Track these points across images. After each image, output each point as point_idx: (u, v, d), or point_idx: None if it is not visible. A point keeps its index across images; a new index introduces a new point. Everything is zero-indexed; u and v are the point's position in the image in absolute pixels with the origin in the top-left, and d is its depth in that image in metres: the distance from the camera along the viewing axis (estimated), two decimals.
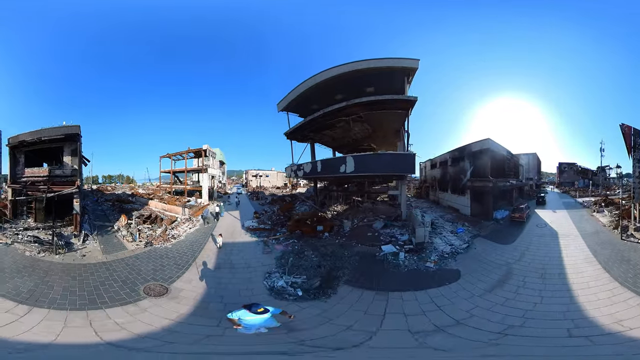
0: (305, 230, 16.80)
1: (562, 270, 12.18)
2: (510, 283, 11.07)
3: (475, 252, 15.00)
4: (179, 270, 11.76)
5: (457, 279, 11.56)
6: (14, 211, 19.74)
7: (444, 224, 20.87)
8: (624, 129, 17.21)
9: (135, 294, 9.67)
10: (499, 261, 13.62)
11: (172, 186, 39.27)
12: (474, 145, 25.57)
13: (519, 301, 9.63)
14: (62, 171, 19.39)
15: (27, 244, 14.77)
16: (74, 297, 9.36)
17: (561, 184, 69.54)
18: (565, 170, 72.54)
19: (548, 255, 14.27)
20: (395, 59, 17.79)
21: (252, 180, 72.77)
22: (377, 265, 12.80)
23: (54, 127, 19.50)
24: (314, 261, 12.50)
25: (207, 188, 32.25)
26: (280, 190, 55.26)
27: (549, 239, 17.37)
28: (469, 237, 17.39)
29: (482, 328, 8.04)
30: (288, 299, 9.53)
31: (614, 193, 39.73)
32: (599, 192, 43.16)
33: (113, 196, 32.61)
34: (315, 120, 20.49)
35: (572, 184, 64.01)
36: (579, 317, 8.31)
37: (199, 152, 36.67)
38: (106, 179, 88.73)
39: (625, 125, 17.21)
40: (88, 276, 11.07)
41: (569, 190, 52.02)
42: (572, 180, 66.84)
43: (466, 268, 12.61)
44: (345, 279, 11.21)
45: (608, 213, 22.96)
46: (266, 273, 11.31)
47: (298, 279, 10.70)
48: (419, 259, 13.54)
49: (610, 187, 51.67)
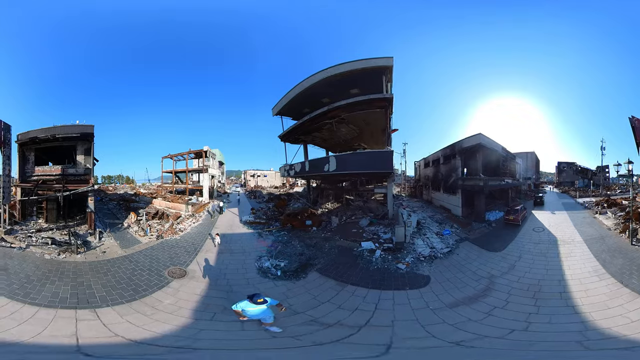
0: (295, 224, 19.03)
1: (564, 287, 10.41)
2: (486, 301, 9.62)
3: (457, 258, 14.09)
4: (190, 257, 13.84)
5: (422, 286, 11.04)
6: (23, 212, 19.19)
7: (431, 225, 20.51)
8: (633, 122, 16.03)
9: (163, 279, 11.34)
10: (481, 272, 12.27)
11: (174, 186, 41.85)
12: (465, 141, 24.75)
13: (484, 325, 8.17)
14: (75, 170, 19.61)
15: (44, 246, 14.56)
16: (118, 290, 10.18)
17: (560, 183, 69.27)
18: (565, 170, 72.21)
19: (546, 267, 12.57)
20: (366, 60, 18.50)
21: (250, 180, 75.42)
22: (351, 260, 13.55)
23: (68, 125, 19.46)
24: (297, 250, 14.74)
25: (207, 187, 34.72)
26: (278, 189, 57.68)
27: (547, 246, 15.56)
28: (454, 241, 16.74)
29: (372, 342, 7.43)
30: (269, 277, 11.68)
31: (615, 193, 39.56)
32: (600, 192, 42.33)
33: (116, 196, 34.63)
34: (304, 124, 22.89)
35: (571, 184, 63.83)
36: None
37: (199, 153, 39.18)
38: (106, 179, 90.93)
39: (635, 119, 15.99)
40: (117, 270, 12.08)
41: (568, 190, 51.29)
42: (571, 180, 66.62)
43: (438, 276, 11.95)
44: (318, 267, 12.68)
45: (612, 215, 21.58)
46: (258, 257, 13.67)
47: (281, 262, 12.97)
48: (393, 259, 13.59)
49: (610, 187, 51.17)
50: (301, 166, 23.57)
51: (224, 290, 10.59)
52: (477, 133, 23.94)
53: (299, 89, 21.74)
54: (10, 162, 17.04)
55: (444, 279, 11.59)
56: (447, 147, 28.34)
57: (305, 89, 21.37)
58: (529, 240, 16.89)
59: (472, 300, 9.86)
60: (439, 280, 11.47)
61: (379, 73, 18.47)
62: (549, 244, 15.89)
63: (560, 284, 10.69)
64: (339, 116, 20.40)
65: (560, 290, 10.27)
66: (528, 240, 16.90)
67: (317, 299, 10.05)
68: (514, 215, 21.16)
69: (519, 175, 41.03)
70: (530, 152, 64.62)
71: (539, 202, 31.85)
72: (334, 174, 20.78)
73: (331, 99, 21.36)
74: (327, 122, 21.33)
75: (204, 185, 35.22)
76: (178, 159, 42.27)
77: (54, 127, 19.22)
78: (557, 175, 75.41)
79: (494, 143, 26.19)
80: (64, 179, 19.02)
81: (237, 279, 11.44)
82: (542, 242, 16.29)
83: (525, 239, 17.03)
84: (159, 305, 9.43)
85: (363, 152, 22.09)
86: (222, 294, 10.28)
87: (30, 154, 19.86)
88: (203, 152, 38.33)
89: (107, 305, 9.22)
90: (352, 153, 22.49)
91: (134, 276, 11.54)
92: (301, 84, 21.52)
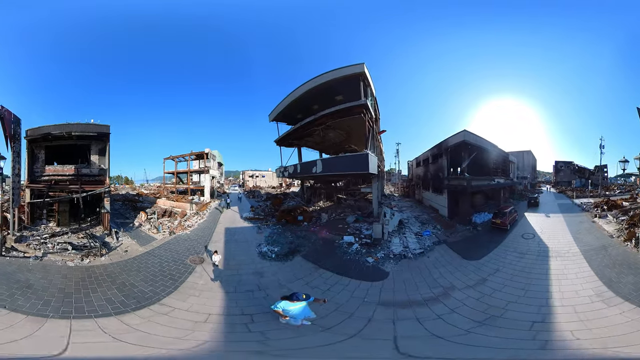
0: (289, 219, 22.30)
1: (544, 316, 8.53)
2: (420, 312, 9.52)
3: (425, 261, 14.33)
4: (203, 246, 16.61)
5: (377, 280, 12.03)
6: (32, 215, 18.46)
7: (413, 224, 21.20)
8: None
9: (188, 266, 13.34)
10: (442, 280, 11.92)
11: (176, 186, 45.11)
12: (450, 139, 24.53)
13: (385, 332, 8.36)
14: (90, 170, 19.54)
15: (63, 252, 14.16)
16: (160, 282, 11.44)
17: (557, 183, 69.70)
18: (562, 169, 72.52)
19: (526, 287, 10.79)
20: (340, 69, 20.07)
21: (248, 180, 78.95)
22: (331, 250, 15.77)
23: (85, 123, 19.26)
24: (289, 239, 17.96)
25: (209, 187, 38.02)
26: (276, 189, 60.98)
27: (534, 259, 13.78)
28: (431, 243, 17.05)
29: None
30: (267, 258, 14.85)
31: (614, 193, 39.68)
32: (599, 193, 41.38)
33: (119, 196, 36.23)
34: (296, 130, 26.18)
35: (568, 184, 63.73)
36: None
37: (200, 154, 42.43)
38: None
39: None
40: (146, 265, 13.27)
41: (565, 190, 51.04)
42: (568, 180, 66.44)
43: (397, 275, 12.55)
44: (303, 253, 15.48)
45: (613, 219, 19.95)
46: (257, 244, 17.01)
47: (275, 248, 16.23)
48: (366, 253, 15.02)
49: (609, 187, 51.03)
50: (294, 168, 26.94)
51: (235, 269, 13.69)
52: (462, 130, 23.45)
53: (290, 99, 24.70)
54: (20, 160, 15.97)
55: (400, 279, 12.09)
56: (435, 145, 28.33)
57: (295, 98, 24.16)
58: (514, 249, 15.28)
59: (407, 305, 9.90)
60: (394, 279, 12.12)
61: (356, 80, 19.86)
62: (537, 257, 14.12)
63: (540, 312, 8.72)
64: (325, 123, 22.98)
65: (536, 319, 8.28)
66: (513, 249, 15.30)
67: (295, 276, 12.92)
68: (501, 218, 20.04)
69: (513, 174, 40.30)
70: (526, 151, 64.98)
71: (533, 204, 31.11)
72: (326, 175, 23.71)
73: (320, 105, 23.53)
74: (315, 128, 24.35)
75: (206, 185, 38.49)
76: (180, 160, 45.51)
77: (70, 124, 18.75)
78: (555, 174, 76.30)
79: (482, 140, 25.42)
80: (80, 180, 18.90)
81: (244, 259, 14.80)
82: (529, 254, 14.53)
83: (510, 248, 15.62)
84: (197, 286, 11.70)
85: (344, 156, 24.20)
86: (234, 271, 13.41)
87: (40, 152, 18.86)
88: (204, 154, 41.59)
89: (166, 295, 10.39)
90: (335, 156, 25.61)
91: (164, 268, 13.11)
92: (292, 93, 24.37)
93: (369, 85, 21.05)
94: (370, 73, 20.57)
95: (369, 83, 20.88)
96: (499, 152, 30.16)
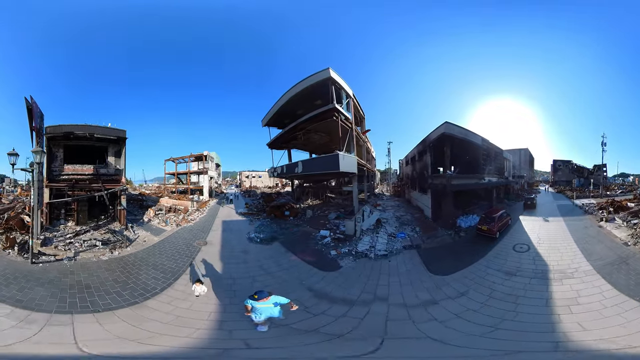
0: (277, 214, 26.60)
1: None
2: (324, 314, 9.76)
3: (383, 265, 14.06)
4: (205, 235, 20.63)
5: (328, 271, 13.47)
6: (51, 215, 19.20)
7: (391, 224, 21.59)
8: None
9: (194, 248, 17.19)
10: (381, 291, 11.15)
11: (177, 186, 49.61)
12: (433, 133, 23.52)
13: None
14: (107, 170, 21.65)
15: (92, 249, 15.41)
16: (184, 259, 14.82)
17: (555, 182, 70.09)
18: (560, 168, 73.16)
19: (500, 326, 8.01)
20: (310, 77, 21.99)
21: (245, 180, 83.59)
22: (305, 240, 18.62)
23: (105, 127, 21.51)
24: (273, 229, 21.96)
25: (207, 187, 42.46)
26: (271, 189, 65.47)
27: (526, 283, 10.92)
28: (401, 246, 16.67)
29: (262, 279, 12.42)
30: (253, 242, 18.64)
31: (616, 193, 39.66)
32: (600, 193, 40.64)
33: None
34: (282, 135, 30.60)
35: (567, 183, 63.83)
36: None
37: (199, 156, 46.90)
38: None
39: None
40: (166, 250, 16.73)
41: (564, 190, 50.43)
42: (567, 179, 66.87)
43: (348, 271, 13.52)
44: (281, 240, 18.89)
45: (622, 222, 18.63)
46: (247, 232, 21.34)
47: (261, 235, 20.09)
48: (335, 246, 16.71)
49: (609, 187, 50.95)
50: (281, 169, 31.38)
51: (229, 248, 18.02)
52: (444, 122, 21.81)
53: (277, 106, 28.53)
54: (42, 160, 15.76)
55: (347, 275, 12.97)
56: (421, 141, 27.56)
57: (281, 106, 27.48)
58: (500, 266, 12.50)
59: (335, 301, 10.46)
60: (342, 274, 13.20)
61: (327, 85, 21.49)
62: (530, 280, 11.14)
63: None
64: (305, 128, 26.37)
65: None
66: (498, 266, 12.56)
67: (270, 256, 16.29)
68: (488, 224, 17.65)
69: (508, 173, 38.95)
70: (523, 149, 62.52)
71: (530, 205, 28.95)
72: (315, 174, 27.42)
73: (304, 110, 25.85)
74: (297, 133, 28.36)
75: (204, 185, 42.91)
76: (180, 161, 49.98)
77: (92, 126, 20.59)
78: (553, 173, 77.19)
79: (468, 133, 23.74)
80: (100, 179, 20.84)
81: (236, 243, 19.09)
82: (520, 274, 11.63)
83: (493, 264, 12.92)
84: (206, 256, 15.75)
85: (319, 157, 27.45)
86: (228, 250, 17.66)
87: (58, 150, 19.64)
88: (203, 156, 46.05)
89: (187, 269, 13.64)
90: (312, 158, 29.37)
91: (180, 250, 16.89)
92: (278, 101, 28.04)
93: (342, 87, 22.63)
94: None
95: (340, 86, 22.43)
96: (490, 147, 28.18)
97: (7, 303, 9.74)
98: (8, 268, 12.64)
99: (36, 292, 10.69)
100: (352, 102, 26.02)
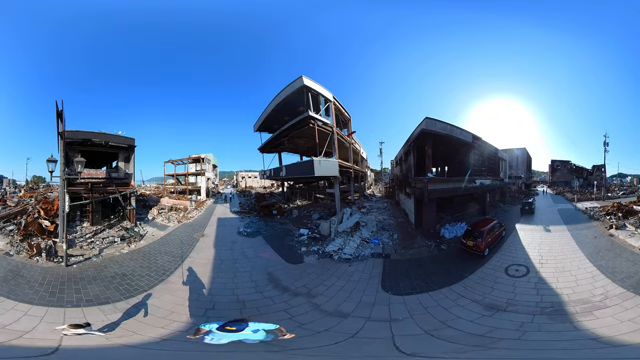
0: (266, 213, 31.18)
1: None
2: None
3: (342, 268, 14.23)
4: (202, 229, 24.54)
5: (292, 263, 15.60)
6: (67, 218, 19.64)
7: (370, 228, 21.41)
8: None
9: (195, 239, 20.82)
10: (324, 303, 10.87)
11: (176, 186, 54.49)
12: (415, 130, 22.52)
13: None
14: (118, 174, 24.49)
15: (112, 245, 17.83)
16: (188, 247, 18.26)
17: (554, 183, 70.70)
18: (558, 169, 73.67)
19: None
20: (287, 86, 23.85)
21: (241, 181, 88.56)
22: (284, 236, 21.43)
23: (118, 135, 24.28)
24: (260, 225, 26.02)
25: (204, 188, 47.28)
26: (266, 189, 70.30)
27: (519, 324, 8.32)
28: (369, 253, 16.31)
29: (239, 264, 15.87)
30: (242, 235, 22.19)
31: (618, 195, 40.08)
32: (602, 195, 39.75)
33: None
34: (270, 141, 35.31)
35: (565, 184, 63.89)
36: None
37: (197, 158, 51.70)
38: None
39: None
40: (173, 241, 20.19)
41: (563, 191, 49.75)
42: (565, 180, 67.00)
43: (305, 268, 14.99)
44: (264, 234, 22.21)
45: (635, 229, 17.30)
46: (238, 227, 26.00)
47: (248, 229, 23.99)
48: (307, 244, 18.52)
49: (609, 188, 51.03)
50: (270, 172, 36.16)
51: (221, 239, 22.51)
52: (424, 118, 20.36)
53: (265, 114, 32.47)
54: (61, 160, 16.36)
55: (301, 271, 14.54)
56: (406, 141, 26.45)
57: (268, 114, 30.64)
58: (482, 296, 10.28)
59: (284, 290, 12.26)
60: (299, 268, 14.98)
61: (303, 93, 22.78)
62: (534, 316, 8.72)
63: None
64: (288, 135, 29.58)
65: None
66: (479, 296, 10.35)
67: (251, 245, 19.75)
68: (474, 239, 15.18)
69: (504, 173, 37.95)
70: (520, 149, 61.68)
71: (528, 211, 26.99)
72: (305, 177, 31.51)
73: (290, 116, 27.69)
74: (282, 139, 32.64)
75: (202, 186, 47.72)
76: (178, 163, 54.83)
77: (108, 134, 23.28)
78: (551, 174, 77.74)
79: (453, 129, 21.51)
80: (113, 182, 23.50)
81: (227, 236, 23.62)
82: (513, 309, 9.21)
83: (473, 291, 10.75)
84: (203, 246, 19.29)
85: (297, 162, 30.63)
86: (220, 241, 22.13)
87: (74, 155, 20.84)
88: (200, 158, 50.85)
89: (190, 252, 17.59)
90: (293, 164, 32.14)
91: (184, 240, 20.64)
92: (265, 110, 31.89)
93: (319, 93, 23.67)
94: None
95: (317, 92, 23.43)
96: (483, 146, 26.59)
97: (87, 305, 10.83)
98: (47, 275, 13.19)
99: (92, 289, 12.03)
100: (332, 106, 26.72)
